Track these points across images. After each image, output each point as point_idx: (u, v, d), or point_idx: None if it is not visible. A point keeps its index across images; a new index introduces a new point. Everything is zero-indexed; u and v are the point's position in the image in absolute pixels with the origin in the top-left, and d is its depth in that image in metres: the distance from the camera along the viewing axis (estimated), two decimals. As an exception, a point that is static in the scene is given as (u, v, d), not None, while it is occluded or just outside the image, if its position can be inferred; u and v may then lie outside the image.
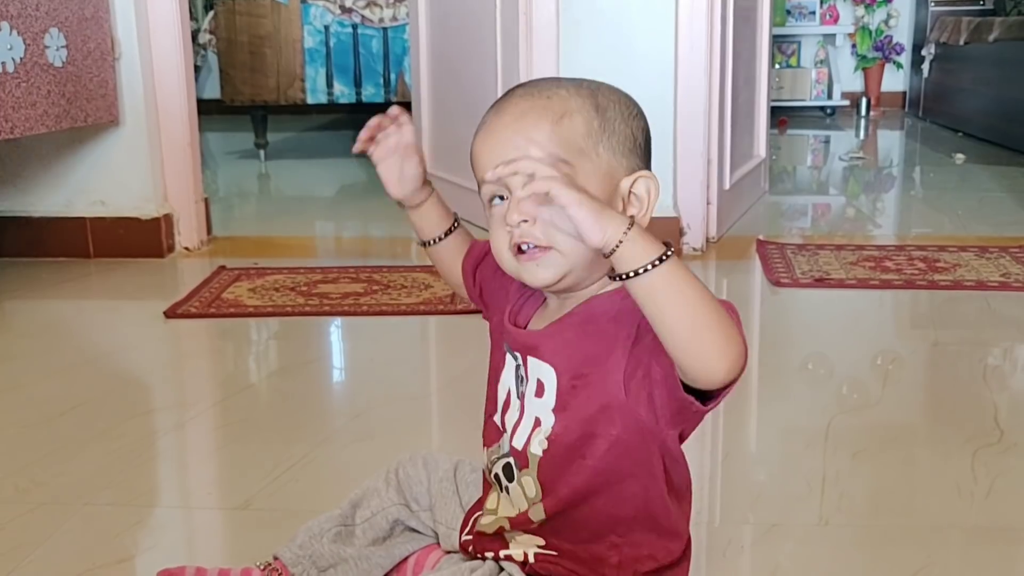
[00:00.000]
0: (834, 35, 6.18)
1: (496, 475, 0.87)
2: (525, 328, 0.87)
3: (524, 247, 0.79)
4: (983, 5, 5.63)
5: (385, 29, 4.43)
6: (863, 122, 5.92)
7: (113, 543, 1.23)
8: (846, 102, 6.10)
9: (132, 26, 2.53)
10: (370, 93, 4.48)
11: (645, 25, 2.47)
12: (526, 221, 0.77)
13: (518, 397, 0.85)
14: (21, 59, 2.12)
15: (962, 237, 2.73)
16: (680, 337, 0.71)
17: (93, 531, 1.25)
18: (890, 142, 5.32)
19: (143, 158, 2.62)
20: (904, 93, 6.27)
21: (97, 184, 2.64)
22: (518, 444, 0.84)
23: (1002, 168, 4.01)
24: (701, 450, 1.50)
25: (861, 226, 3.17)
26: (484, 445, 0.90)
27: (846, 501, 1.30)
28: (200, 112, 2.79)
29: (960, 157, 4.25)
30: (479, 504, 0.92)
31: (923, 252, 2.55)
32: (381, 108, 3.74)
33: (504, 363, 0.88)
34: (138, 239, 2.62)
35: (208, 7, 5.15)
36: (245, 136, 4.73)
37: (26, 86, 2.14)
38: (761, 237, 2.74)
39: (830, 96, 6.08)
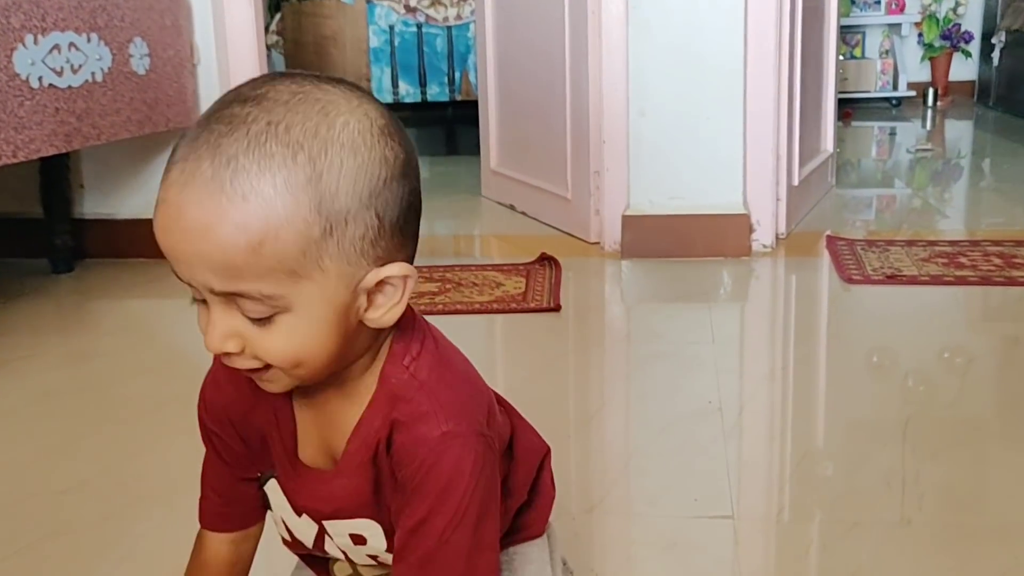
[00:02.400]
0: (900, 24, 6.09)
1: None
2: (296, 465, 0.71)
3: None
4: (1056, -9, 5.51)
5: (449, 28, 4.48)
6: (930, 113, 5.83)
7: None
8: (912, 93, 6.00)
9: (210, 32, 2.60)
10: (435, 92, 4.53)
11: (714, 22, 2.48)
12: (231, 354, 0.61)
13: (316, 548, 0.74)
14: (109, 68, 2.19)
15: (1038, 231, 2.70)
16: None
17: (188, 526, 1.30)
18: (959, 132, 5.23)
19: (220, 160, 2.69)
20: (973, 82, 6.15)
21: (176, 186, 2.71)
22: (369, 562, 0.74)
23: (1077, 159, 3.94)
24: (780, 449, 1.51)
25: (931, 220, 3.13)
26: (292, 550, 0.79)
27: (927, 500, 1.30)
28: (270, 114, 2.84)
29: (1033, 148, 4.17)
30: None
31: (999, 247, 2.52)
32: (445, 106, 3.82)
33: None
34: (215, 239, 2.69)
35: (274, 9, 5.24)
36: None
37: (112, 94, 2.21)
38: (830, 233, 2.73)
39: (896, 87, 5.99)
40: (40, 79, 1.99)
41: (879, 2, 6.02)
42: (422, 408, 0.64)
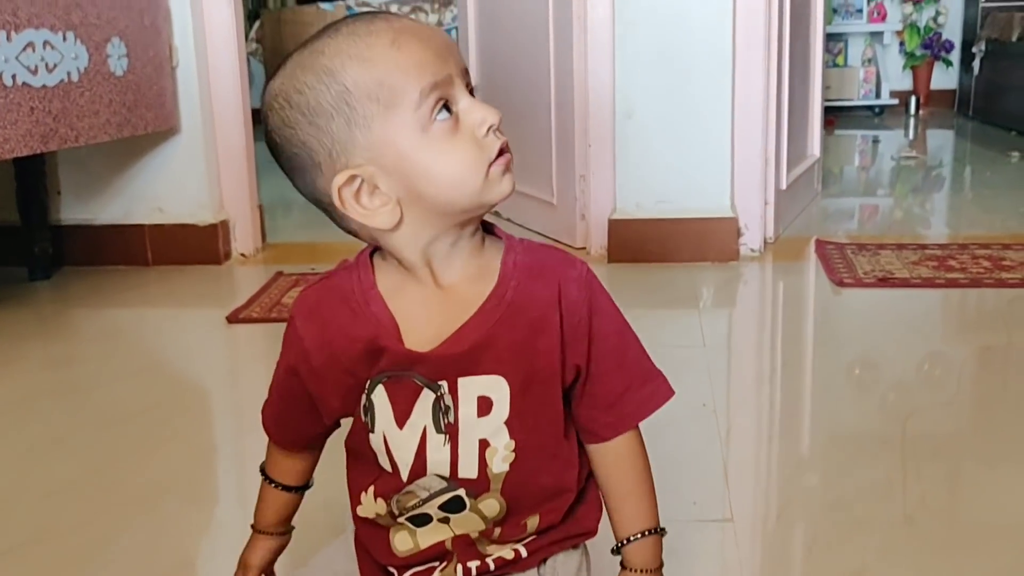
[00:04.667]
0: (882, 33, 6.11)
1: (417, 517, 0.76)
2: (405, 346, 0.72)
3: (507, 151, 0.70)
4: (1035, 0, 5.55)
5: (432, 35, 4.45)
6: (912, 121, 5.84)
7: (188, 543, 1.24)
8: (895, 101, 6.02)
9: (189, 34, 2.56)
10: (417, 99, 4.50)
11: (702, 25, 2.45)
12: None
13: (441, 431, 0.73)
14: (85, 68, 2.15)
15: (1026, 235, 2.69)
16: None
17: (169, 530, 1.26)
18: (941, 141, 5.24)
19: (200, 165, 2.64)
20: (954, 91, 6.17)
21: (155, 192, 2.67)
22: (469, 474, 0.73)
23: (1060, 165, 3.94)
24: (777, 451, 1.48)
25: (919, 225, 3.12)
26: (379, 494, 0.76)
27: (930, 500, 1.28)
28: (248, 120, 2.80)
29: (1015, 155, 4.17)
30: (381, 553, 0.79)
31: (987, 251, 2.51)
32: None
33: (410, 401, 0.73)
34: (195, 246, 2.65)
35: (254, 16, 5.20)
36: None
37: (89, 95, 2.16)
38: (819, 237, 2.71)
39: (878, 95, 6.01)
40: (14, 77, 1.94)
41: (861, 11, 6.04)
42: (555, 267, 0.74)
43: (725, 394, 1.67)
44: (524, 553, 0.78)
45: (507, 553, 0.77)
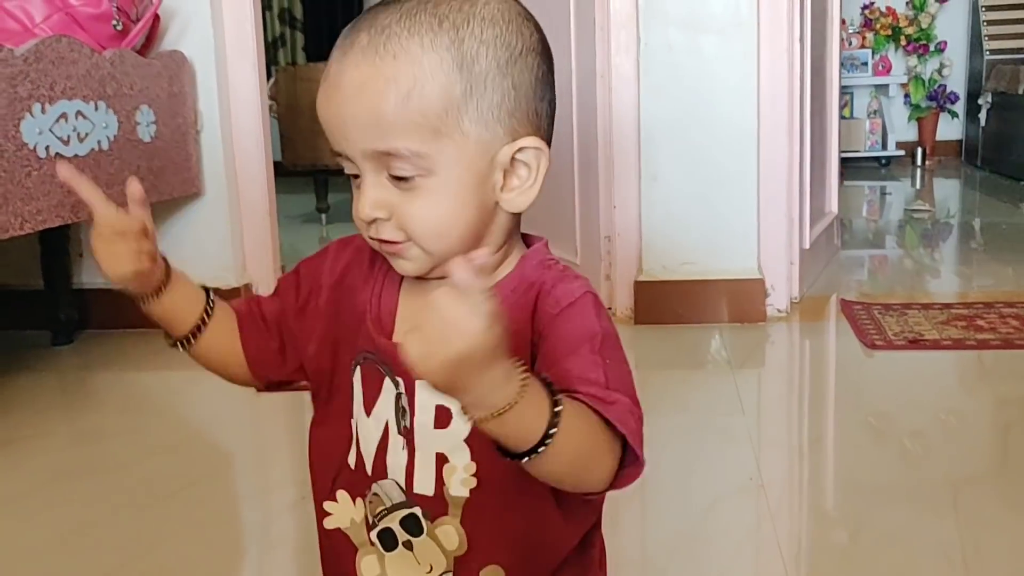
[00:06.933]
0: (887, 85, 6.16)
1: (384, 532, 0.71)
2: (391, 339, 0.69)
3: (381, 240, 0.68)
4: (1040, 53, 5.60)
5: (445, 92, 4.47)
6: (919, 172, 5.87)
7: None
8: (901, 152, 6.06)
9: (214, 99, 2.56)
10: (430, 155, 4.50)
11: (726, 86, 2.46)
12: (378, 219, 0.66)
13: (401, 432, 0.69)
14: (115, 136, 2.15)
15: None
16: (567, 484, 0.63)
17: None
18: (949, 192, 5.26)
19: (223, 228, 2.64)
20: (960, 142, 6.21)
21: (178, 254, 2.59)
22: (424, 489, 0.69)
23: (1074, 218, 3.95)
24: (832, 525, 1.46)
25: (942, 282, 3.11)
26: (353, 495, 0.72)
27: (992, 574, 1.25)
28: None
29: (1029, 207, 4.19)
30: None
31: (1013, 309, 2.50)
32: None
33: (377, 389, 0.70)
34: (218, 309, 2.63)
35: (268, 73, 5.23)
36: (304, 198, 4.76)
37: (119, 163, 2.16)
38: (845, 297, 2.70)
39: (884, 146, 6.05)
40: (47, 148, 1.94)
41: (866, 64, 6.10)
42: (566, 276, 0.69)
43: (771, 466, 1.64)
44: None
45: None
